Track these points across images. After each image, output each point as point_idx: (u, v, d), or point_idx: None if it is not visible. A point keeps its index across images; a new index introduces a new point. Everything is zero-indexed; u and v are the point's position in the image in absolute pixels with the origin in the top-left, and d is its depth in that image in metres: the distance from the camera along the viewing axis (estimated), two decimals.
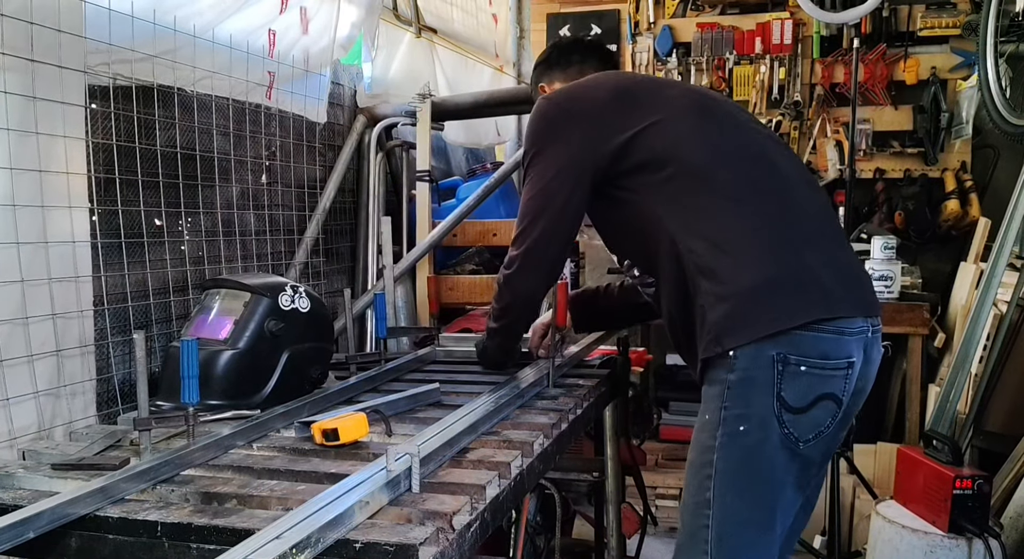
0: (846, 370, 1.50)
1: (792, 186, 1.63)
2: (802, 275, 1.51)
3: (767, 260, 1.52)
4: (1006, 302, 2.93)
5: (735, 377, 1.50)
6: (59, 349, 1.82)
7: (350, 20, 3.02)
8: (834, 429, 1.54)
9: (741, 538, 1.54)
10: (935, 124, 4.14)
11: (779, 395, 1.48)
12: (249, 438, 1.57)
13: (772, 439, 1.49)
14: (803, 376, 1.48)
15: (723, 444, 1.52)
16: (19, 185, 1.71)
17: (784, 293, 1.50)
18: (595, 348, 2.34)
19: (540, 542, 2.50)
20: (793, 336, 1.47)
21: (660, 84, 1.79)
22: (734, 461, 1.52)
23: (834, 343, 1.49)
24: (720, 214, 1.56)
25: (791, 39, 4.31)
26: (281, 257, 2.73)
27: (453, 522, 1.18)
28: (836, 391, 1.51)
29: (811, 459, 1.55)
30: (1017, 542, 2.62)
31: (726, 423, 1.51)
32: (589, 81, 1.83)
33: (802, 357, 1.47)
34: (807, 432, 1.50)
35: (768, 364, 1.47)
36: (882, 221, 4.16)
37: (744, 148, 1.65)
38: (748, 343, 1.48)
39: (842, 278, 1.55)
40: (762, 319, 1.48)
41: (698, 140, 1.63)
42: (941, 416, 2.86)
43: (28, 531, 1.12)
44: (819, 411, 1.50)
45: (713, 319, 1.52)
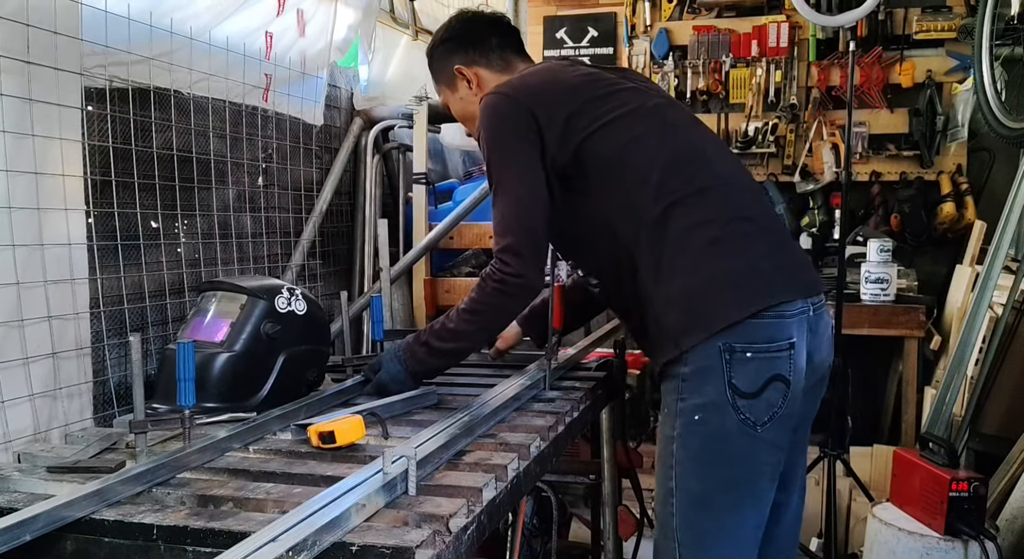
0: (788, 351, 1.57)
1: (732, 185, 1.70)
2: (744, 269, 1.59)
3: (711, 260, 1.59)
4: (1001, 305, 2.93)
5: (688, 370, 1.58)
6: (55, 351, 1.81)
7: (347, 23, 3.03)
8: (790, 408, 1.58)
9: (705, 523, 1.60)
10: (931, 127, 4.15)
11: (730, 382, 1.55)
12: (245, 441, 1.56)
13: (728, 425, 1.56)
14: (750, 362, 1.55)
15: (681, 434, 1.60)
16: (15, 187, 1.71)
17: (731, 288, 1.58)
18: (591, 351, 2.34)
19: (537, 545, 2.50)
20: (737, 326, 1.55)
21: (608, 83, 1.75)
22: (693, 449, 1.59)
23: (775, 327, 1.56)
24: (666, 216, 1.61)
25: (787, 42, 4.31)
26: (277, 259, 2.73)
27: (450, 525, 1.18)
28: (783, 372, 1.57)
29: (775, 443, 1.60)
30: (1013, 544, 2.63)
31: (683, 414, 1.60)
32: (540, 76, 1.78)
33: (747, 344, 1.55)
34: (762, 415, 1.56)
35: (716, 354, 1.55)
36: (878, 224, 4.16)
37: (688, 151, 1.70)
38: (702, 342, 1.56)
39: (781, 265, 1.63)
40: (713, 316, 1.56)
41: (647, 145, 1.67)
42: (937, 419, 2.86)
43: (24, 534, 1.12)
44: (770, 393, 1.56)
45: (669, 324, 1.60)
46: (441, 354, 1.84)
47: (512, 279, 1.70)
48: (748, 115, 4.32)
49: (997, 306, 2.97)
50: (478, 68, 1.89)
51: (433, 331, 1.83)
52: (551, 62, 1.92)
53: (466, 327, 1.79)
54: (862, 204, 4.25)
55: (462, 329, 1.79)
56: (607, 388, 2.16)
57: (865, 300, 3.51)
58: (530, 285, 1.72)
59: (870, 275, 3.51)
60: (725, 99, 4.40)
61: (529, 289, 1.74)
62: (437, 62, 1.95)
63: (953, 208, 4.02)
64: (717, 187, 1.66)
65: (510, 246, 1.69)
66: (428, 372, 1.88)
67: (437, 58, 1.95)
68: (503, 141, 1.70)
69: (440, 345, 1.82)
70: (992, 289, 2.88)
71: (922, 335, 3.46)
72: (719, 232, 1.61)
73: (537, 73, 1.81)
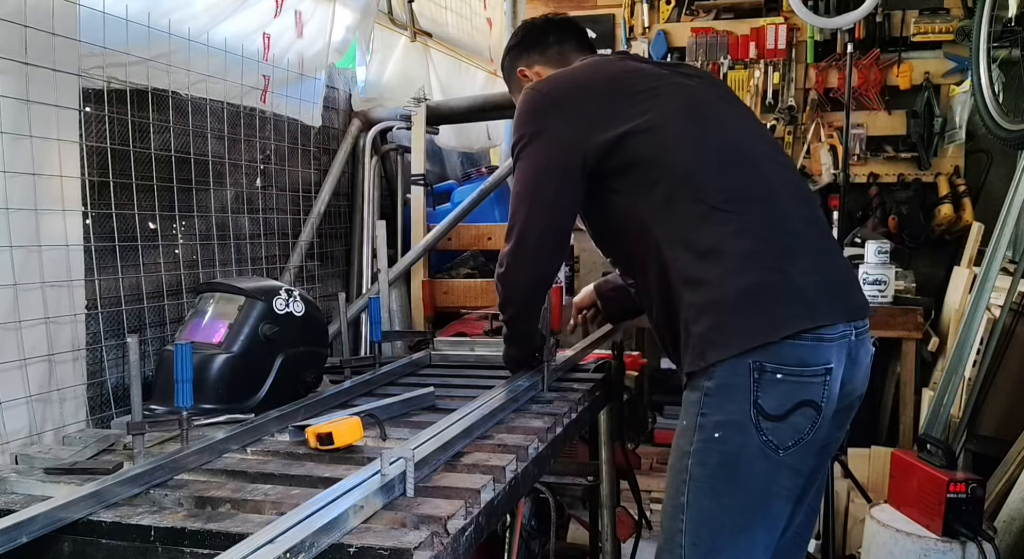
0: (824, 377, 1.49)
1: (779, 193, 1.61)
2: (783, 285, 1.50)
3: (749, 271, 1.50)
4: (999, 306, 2.94)
5: (713, 384, 1.50)
6: (51, 353, 1.81)
7: (345, 24, 3.02)
8: (817, 435, 1.51)
9: (715, 542, 1.53)
10: (928, 129, 4.16)
11: (756, 402, 1.47)
12: (243, 442, 1.56)
13: (750, 446, 1.48)
14: (780, 384, 1.47)
15: (698, 450, 1.52)
16: (12, 188, 1.70)
17: (765, 305, 1.49)
18: (590, 352, 2.34)
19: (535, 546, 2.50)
20: (771, 346, 1.47)
21: (653, 77, 1.69)
22: (710, 466, 1.51)
23: (812, 350, 1.48)
24: (705, 223, 1.54)
25: (785, 44, 4.32)
26: (276, 261, 2.73)
27: (448, 526, 1.18)
28: (815, 398, 1.49)
29: (796, 468, 1.52)
30: (1011, 546, 2.63)
31: (702, 429, 1.51)
32: (580, 70, 1.78)
33: (779, 365, 1.46)
34: (786, 439, 1.48)
35: (745, 372, 1.47)
36: (876, 225, 4.17)
37: (732, 154, 1.62)
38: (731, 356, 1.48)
39: (825, 285, 1.54)
40: (744, 332, 1.48)
41: (686, 145, 1.60)
42: (935, 420, 2.86)
43: (21, 535, 1.12)
44: (798, 418, 1.48)
45: (697, 332, 1.52)
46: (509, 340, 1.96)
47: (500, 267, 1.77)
48: None
49: (995, 307, 2.97)
50: (538, 66, 1.93)
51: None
52: (600, 57, 1.90)
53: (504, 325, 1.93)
54: (860, 206, 4.26)
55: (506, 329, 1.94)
56: (605, 390, 2.16)
57: None
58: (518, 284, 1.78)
59: (868, 277, 3.51)
60: None
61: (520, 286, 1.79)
62: (507, 72, 2.02)
63: (951, 210, 4.02)
64: (761, 194, 1.58)
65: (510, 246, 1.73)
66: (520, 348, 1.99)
67: (507, 69, 2.02)
68: (526, 130, 1.70)
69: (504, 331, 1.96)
70: (990, 290, 2.88)
71: (920, 336, 3.46)
72: (759, 243, 1.53)
73: (580, 68, 1.79)
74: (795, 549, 1.73)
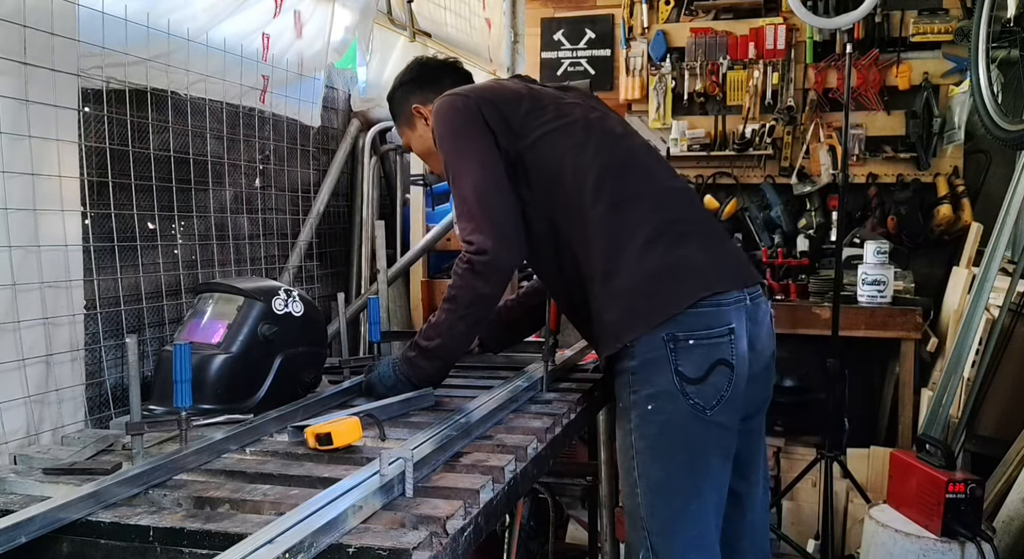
0: (729, 336, 1.66)
1: (665, 190, 1.80)
2: (679, 264, 1.68)
3: (648, 258, 1.68)
4: (998, 307, 2.94)
5: (636, 363, 1.67)
6: (50, 353, 1.81)
7: (344, 24, 3.02)
8: (735, 392, 1.66)
9: (670, 508, 1.67)
10: (927, 129, 4.15)
11: (676, 370, 1.63)
12: (242, 442, 1.56)
13: (681, 411, 1.64)
14: (694, 349, 1.64)
15: (638, 425, 1.68)
16: (11, 188, 1.70)
17: (666, 284, 1.67)
18: (589, 353, 2.34)
19: (534, 546, 2.50)
20: (678, 317, 1.64)
21: (552, 97, 1.86)
22: (650, 438, 1.67)
23: (714, 315, 1.65)
24: (605, 222, 1.70)
25: (784, 44, 4.32)
26: (274, 261, 2.73)
27: (447, 526, 1.18)
28: (726, 356, 1.65)
29: (724, 425, 1.67)
30: (1009, 546, 2.63)
31: (637, 405, 1.68)
32: (486, 85, 1.94)
33: (688, 332, 1.64)
34: (710, 399, 1.64)
35: (661, 345, 1.64)
36: (875, 226, 4.17)
37: (623, 160, 1.79)
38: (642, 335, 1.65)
39: (716, 260, 1.73)
40: (651, 310, 1.65)
41: (586, 154, 1.76)
42: (934, 420, 2.87)
43: (20, 536, 1.12)
44: (716, 377, 1.64)
45: (610, 319, 1.69)
46: (429, 353, 1.83)
47: (477, 257, 1.73)
48: (745, 117, 4.33)
49: (993, 308, 2.98)
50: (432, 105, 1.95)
51: (420, 332, 1.86)
52: (499, 80, 2.08)
53: (446, 318, 1.79)
54: (859, 206, 4.26)
55: (442, 320, 1.80)
56: (604, 390, 2.16)
57: (862, 302, 3.52)
58: (498, 263, 1.74)
59: (867, 277, 3.51)
60: (722, 101, 4.41)
61: (498, 266, 1.75)
62: (397, 105, 2.07)
63: (950, 210, 4.02)
64: (653, 192, 1.77)
65: (472, 228, 1.74)
66: (421, 376, 1.85)
67: (397, 101, 2.07)
68: (455, 132, 1.78)
69: (427, 344, 1.82)
70: (988, 291, 2.88)
71: (919, 337, 3.46)
72: (654, 232, 1.70)
73: (485, 84, 1.95)
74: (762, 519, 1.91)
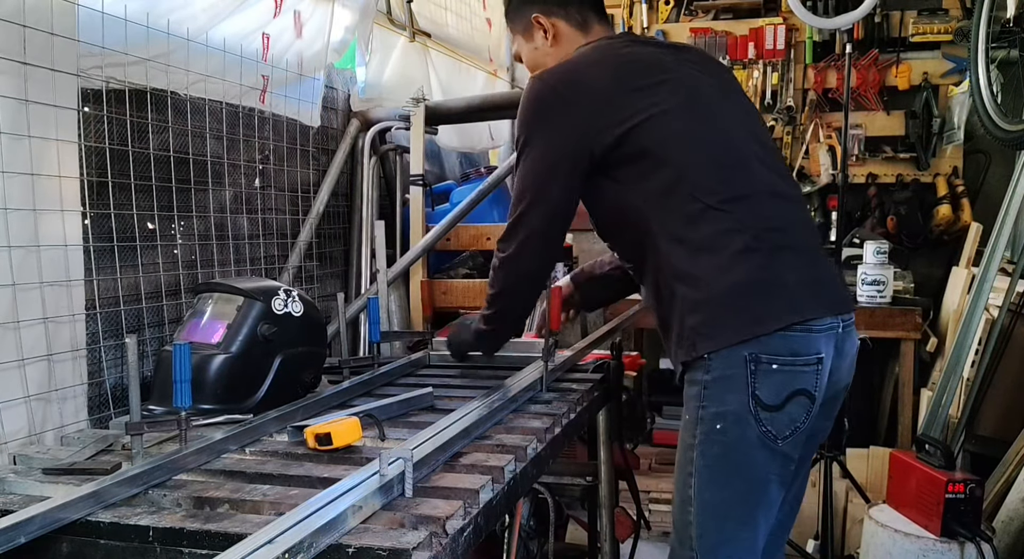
0: (816, 366, 1.55)
1: (769, 194, 1.66)
2: (773, 281, 1.57)
3: (740, 266, 1.56)
4: (997, 307, 2.94)
5: (711, 377, 1.56)
6: (50, 353, 1.81)
7: (344, 24, 3.02)
8: (810, 424, 1.58)
9: (721, 533, 1.60)
10: (927, 129, 4.16)
11: (753, 393, 1.53)
12: (242, 442, 1.56)
13: (749, 436, 1.55)
14: (775, 374, 1.53)
15: (701, 441, 1.58)
16: (11, 188, 1.70)
17: (755, 299, 1.56)
18: (589, 352, 2.34)
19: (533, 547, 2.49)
20: (763, 337, 1.53)
21: (658, 69, 1.71)
22: (712, 458, 1.58)
23: (803, 341, 1.54)
24: (699, 220, 1.60)
25: (784, 44, 4.32)
26: (274, 261, 2.73)
27: (446, 527, 1.18)
28: (808, 387, 1.55)
29: (790, 456, 1.59)
30: (1009, 546, 2.63)
31: (703, 422, 1.58)
32: (586, 61, 1.77)
33: (773, 356, 1.53)
34: (784, 429, 1.55)
35: (741, 364, 1.53)
36: (874, 226, 4.17)
37: (729, 154, 1.66)
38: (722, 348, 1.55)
39: (811, 282, 1.61)
40: (735, 325, 1.54)
41: (686, 142, 1.64)
42: (933, 420, 2.87)
43: (19, 536, 1.12)
44: (794, 407, 1.54)
45: (691, 325, 1.59)
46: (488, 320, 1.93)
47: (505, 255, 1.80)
48: None
49: (993, 308, 2.98)
50: (556, 19, 1.87)
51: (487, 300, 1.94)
52: (608, 42, 1.84)
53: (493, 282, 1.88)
54: (858, 206, 4.26)
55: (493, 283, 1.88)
56: (604, 390, 2.16)
57: (862, 302, 3.52)
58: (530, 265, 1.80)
59: (866, 277, 3.51)
60: None
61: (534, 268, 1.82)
62: (515, 10, 1.95)
63: (949, 210, 4.03)
64: (754, 195, 1.63)
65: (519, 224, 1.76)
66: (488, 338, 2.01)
67: (515, 6, 1.94)
68: (531, 121, 1.72)
69: (486, 312, 1.93)
70: (988, 291, 2.88)
71: (918, 337, 3.46)
72: (750, 241, 1.58)
73: (586, 59, 1.78)
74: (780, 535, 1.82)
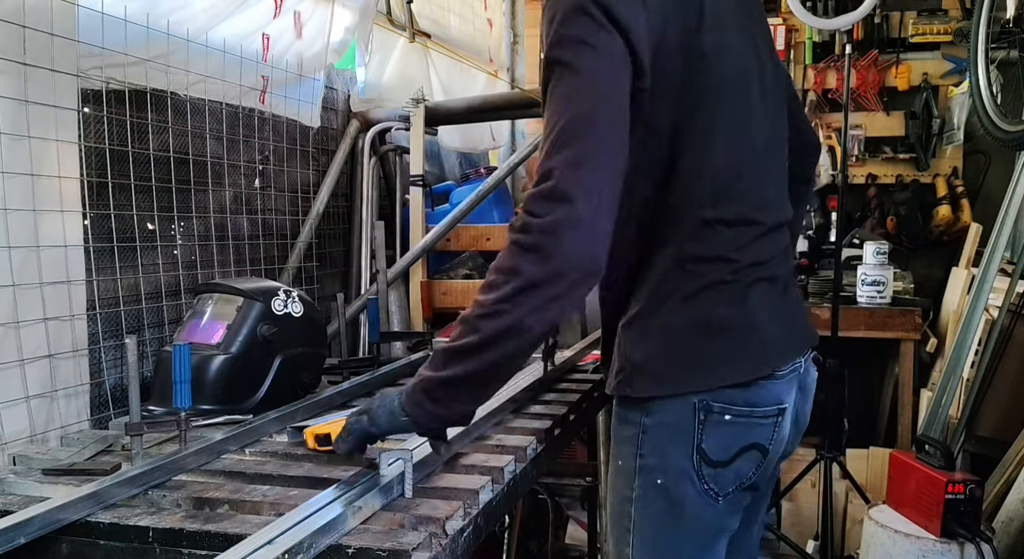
0: (775, 418, 1.32)
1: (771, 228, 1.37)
2: (739, 321, 1.31)
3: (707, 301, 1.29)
4: (997, 307, 2.94)
5: (651, 422, 1.32)
6: (51, 353, 1.81)
7: (344, 25, 3.03)
8: (756, 478, 1.36)
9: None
10: (927, 130, 4.16)
11: (699, 446, 1.29)
12: (241, 443, 1.56)
13: (691, 494, 1.31)
14: (727, 426, 1.29)
15: (640, 496, 1.35)
16: (11, 189, 1.70)
17: (717, 342, 1.30)
18: (588, 353, 2.34)
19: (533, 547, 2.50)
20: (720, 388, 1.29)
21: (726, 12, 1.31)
22: (652, 514, 1.35)
23: (764, 391, 1.31)
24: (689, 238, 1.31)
25: (783, 45, 4.32)
26: (274, 261, 2.73)
27: (446, 527, 1.18)
28: (762, 440, 1.32)
29: (735, 508, 1.37)
30: (1009, 546, 2.63)
31: (642, 473, 1.34)
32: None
33: (727, 405, 1.28)
34: (727, 485, 1.32)
35: (688, 412, 1.28)
36: (874, 226, 4.17)
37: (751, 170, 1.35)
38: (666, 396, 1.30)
39: (782, 317, 1.36)
40: (690, 372, 1.29)
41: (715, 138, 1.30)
42: (933, 421, 2.87)
43: (19, 536, 1.12)
44: (742, 462, 1.31)
45: (629, 358, 1.32)
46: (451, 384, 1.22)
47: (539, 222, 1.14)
48: None
49: (993, 308, 2.98)
50: None
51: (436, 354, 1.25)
52: None
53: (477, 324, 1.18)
54: (858, 207, 4.26)
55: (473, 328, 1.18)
56: (603, 390, 2.16)
57: (861, 303, 3.52)
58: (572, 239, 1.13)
59: (866, 278, 3.51)
60: None
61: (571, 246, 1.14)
62: None
63: (949, 211, 4.03)
64: (756, 226, 1.34)
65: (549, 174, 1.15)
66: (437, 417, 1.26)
67: None
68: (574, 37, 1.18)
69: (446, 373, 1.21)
70: (988, 292, 2.89)
71: (918, 337, 3.46)
72: (731, 276, 1.30)
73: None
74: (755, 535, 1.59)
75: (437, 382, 1.22)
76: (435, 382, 1.23)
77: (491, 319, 1.16)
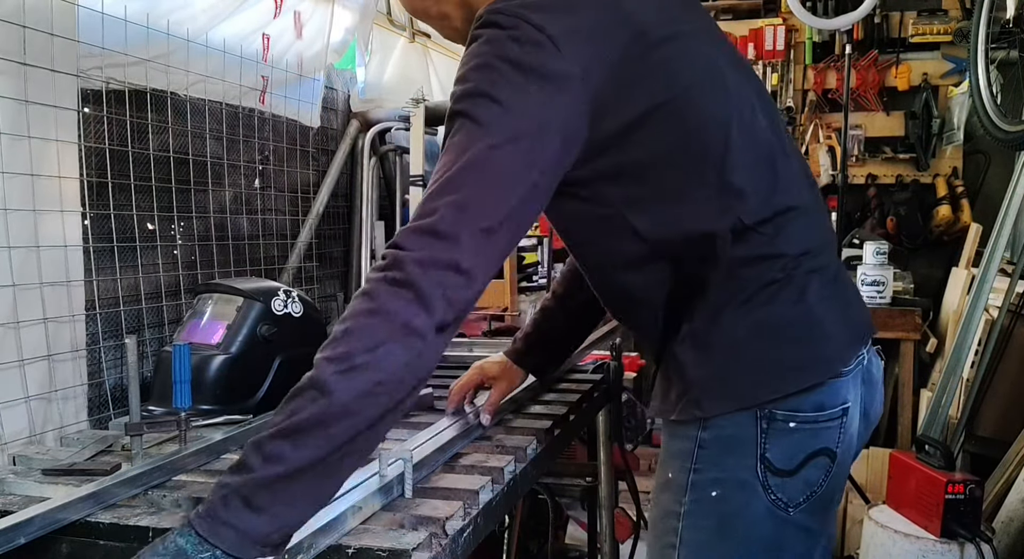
0: (841, 419, 1.22)
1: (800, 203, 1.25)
2: (800, 319, 1.21)
3: (763, 304, 1.20)
4: (997, 307, 2.94)
5: (709, 435, 1.22)
6: (51, 353, 1.81)
7: (344, 25, 3.03)
8: (828, 486, 1.24)
9: None
10: (927, 130, 4.17)
11: (763, 456, 1.19)
12: (241, 443, 1.56)
13: (754, 507, 1.21)
14: (792, 433, 1.19)
15: (691, 511, 1.23)
16: (11, 189, 1.70)
17: (781, 347, 1.21)
18: (588, 353, 2.34)
19: (533, 547, 2.50)
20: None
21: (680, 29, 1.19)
22: (705, 531, 1.23)
23: (830, 391, 1.21)
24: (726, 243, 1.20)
25: (783, 45, 4.33)
26: (274, 262, 2.73)
27: (446, 527, 1.18)
28: (830, 444, 1.22)
29: (806, 526, 1.24)
30: (1008, 546, 2.63)
31: (695, 488, 1.23)
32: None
33: (792, 412, 1.19)
34: (798, 495, 1.21)
35: (751, 421, 1.19)
36: (874, 226, 4.17)
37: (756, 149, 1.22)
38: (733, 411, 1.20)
39: (844, 315, 1.26)
40: (753, 384, 1.20)
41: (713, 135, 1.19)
42: (933, 421, 2.87)
43: (19, 536, 1.12)
44: (810, 470, 1.21)
45: (693, 378, 1.23)
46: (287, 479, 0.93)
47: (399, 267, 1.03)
48: None
49: (993, 309, 2.98)
50: None
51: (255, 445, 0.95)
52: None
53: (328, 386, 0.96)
54: (858, 207, 4.26)
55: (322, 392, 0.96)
56: (604, 391, 2.16)
57: None
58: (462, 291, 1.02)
59: (866, 278, 3.51)
60: None
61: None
62: None
63: (949, 211, 4.03)
64: (796, 210, 1.23)
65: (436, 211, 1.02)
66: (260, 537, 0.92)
67: None
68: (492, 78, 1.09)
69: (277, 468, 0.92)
70: (988, 292, 2.88)
71: (918, 338, 3.46)
72: (782, 272, 1.20)
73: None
74: None
75: (261, 483, 0.91)
76: (258, 484, 0.91)
77: (350, 376, 0.94)
